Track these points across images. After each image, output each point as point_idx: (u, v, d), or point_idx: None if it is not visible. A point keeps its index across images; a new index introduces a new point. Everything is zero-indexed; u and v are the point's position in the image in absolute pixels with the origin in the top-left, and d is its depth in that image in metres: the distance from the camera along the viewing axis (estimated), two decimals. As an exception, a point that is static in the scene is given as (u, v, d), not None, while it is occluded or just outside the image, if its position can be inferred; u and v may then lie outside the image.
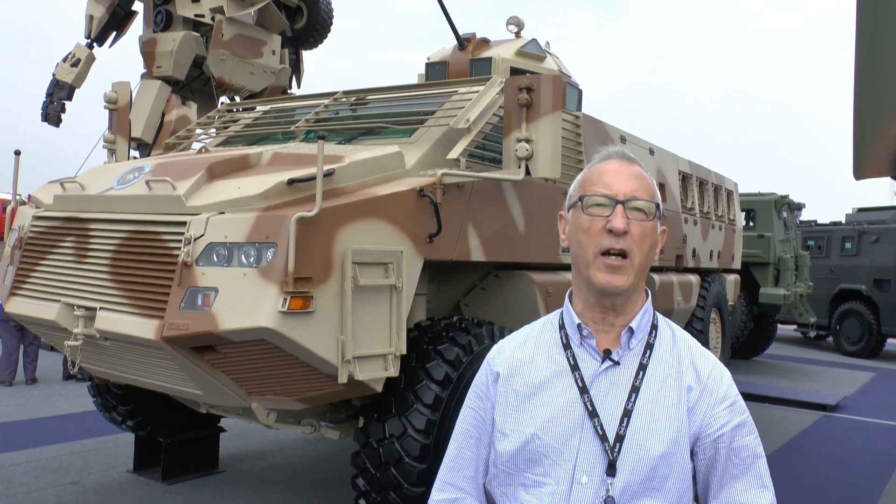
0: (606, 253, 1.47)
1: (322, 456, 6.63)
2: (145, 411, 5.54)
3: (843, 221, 17.22)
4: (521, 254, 4.96)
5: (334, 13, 15.01)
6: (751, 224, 13.67)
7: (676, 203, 7.59)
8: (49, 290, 4.28)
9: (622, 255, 1.47)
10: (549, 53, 7.05)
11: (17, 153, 5.04)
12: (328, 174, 3.73)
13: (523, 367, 1.58)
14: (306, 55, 15.36)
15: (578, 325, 1.55)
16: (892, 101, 1.55)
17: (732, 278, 9.84)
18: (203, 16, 12.62)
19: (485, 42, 6.88)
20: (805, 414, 9.34)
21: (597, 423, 1.46)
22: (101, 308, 3.93)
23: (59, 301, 4.16)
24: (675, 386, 1.49)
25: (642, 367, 1.50)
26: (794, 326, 17.26)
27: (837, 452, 7.56)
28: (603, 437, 1.44)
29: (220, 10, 12.52)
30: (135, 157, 6.19)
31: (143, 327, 3.68)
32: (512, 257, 4.92)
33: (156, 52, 12.52)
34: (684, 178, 8.00)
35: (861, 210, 17.74)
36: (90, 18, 12.73)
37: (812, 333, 16.71)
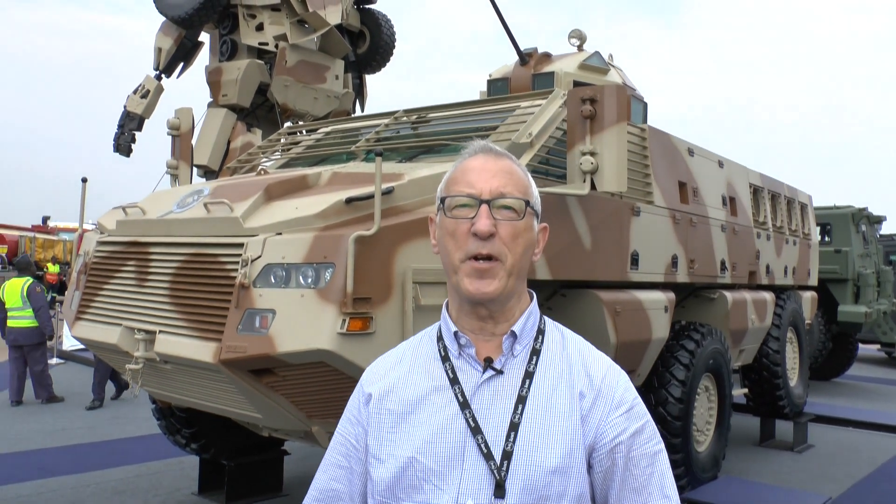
0: (474, 258, 1.34)
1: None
2: (209, 434, 5.51)
3: (929, 234, 16.42)
4: (587, 271, 4.77)
5: (396, 36, 15.12)
6: (827, 239, 13.11)
7: (748, 217, 7.29)
8: (111, 313, 4.30)
9: (490, 259, 1.34)
10: (613, 66, 6.88)
11: (84, 181, 5.12)
12: (387, 192, 3.65)
13: (398, 385, 1.42)
14: (370, 79, 15.49)
15: (455, 333, 1.39)
16: None
17: (809, 295, 9.39)
18: (267, 44, 12.87)
19: (546, 56, 6.76)
20: (894, 439, 8.82)
21: (480, 439, 1.30)
22: (160, 331, 3.91)
23: (120, 325, 4.17)
24: (567, 393, 1.36)
25: (529, 376, 1.36)
26: (878, 346, 16.47)
27: (931, 480, 7.08)
28: (488, 456, 1.29)
29: (283, 37, 12.75)
30: (200, 183, 6.25)
31: (201, 350, 3.64)
32: (578, 275, 4.73)
33: (221, 80, 12.79)
34: (755, 192, 7.68)
35: (948, 222, 16.91)
36: (159, 51, 13.10)
37: (897, 353, 15.91)
